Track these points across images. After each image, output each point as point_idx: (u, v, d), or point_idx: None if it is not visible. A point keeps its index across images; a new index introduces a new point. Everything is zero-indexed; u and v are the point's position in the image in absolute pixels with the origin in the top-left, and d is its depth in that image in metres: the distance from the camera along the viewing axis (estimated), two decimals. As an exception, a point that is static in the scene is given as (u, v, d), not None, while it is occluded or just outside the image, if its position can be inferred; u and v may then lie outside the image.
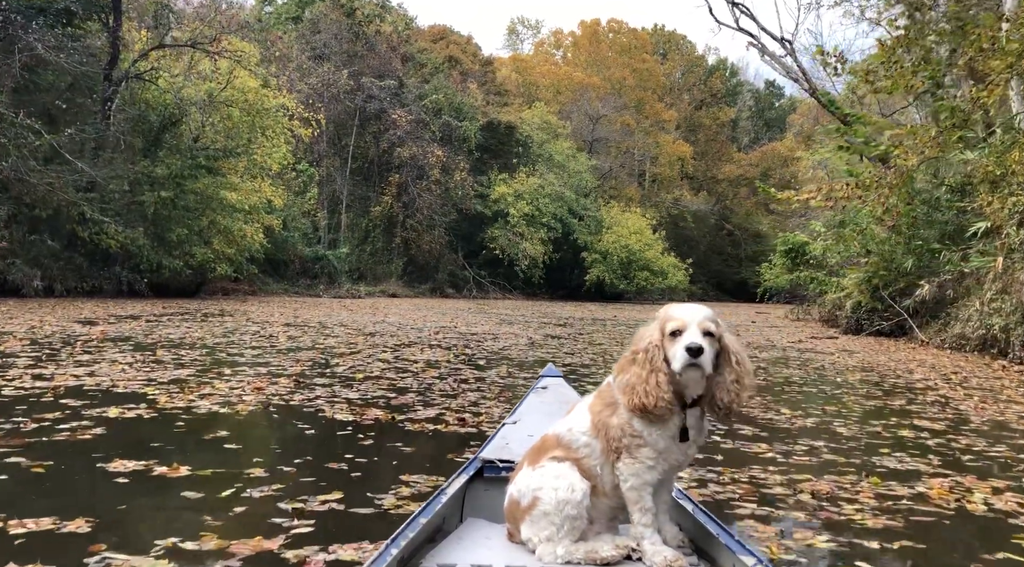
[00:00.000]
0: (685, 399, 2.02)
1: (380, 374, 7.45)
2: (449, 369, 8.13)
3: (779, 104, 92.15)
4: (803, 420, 5.67)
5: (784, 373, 9.06)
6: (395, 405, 5.68)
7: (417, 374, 7.54)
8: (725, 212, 71.55)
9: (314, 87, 38.36)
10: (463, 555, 2.07)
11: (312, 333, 12.44)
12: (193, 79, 26.07)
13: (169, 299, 23.43)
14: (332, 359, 8.61)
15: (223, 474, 3.61)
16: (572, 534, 2.03)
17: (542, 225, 44.70)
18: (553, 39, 78.11)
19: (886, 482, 3.84)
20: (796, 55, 30.72)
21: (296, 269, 35.47)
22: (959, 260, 13.82)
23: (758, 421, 5.56)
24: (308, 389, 6.27)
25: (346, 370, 7.65)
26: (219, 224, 25.32)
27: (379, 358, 8.92)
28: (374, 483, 3.55)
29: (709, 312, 2.01)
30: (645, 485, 2.02)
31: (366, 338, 11.77)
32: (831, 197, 16.75)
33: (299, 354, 9.01)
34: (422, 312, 21.96)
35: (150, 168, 24.10)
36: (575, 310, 29.37)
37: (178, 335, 10.91)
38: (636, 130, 62.05)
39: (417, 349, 10.26)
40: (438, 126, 42.16)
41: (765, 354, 11.86)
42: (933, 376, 9.10)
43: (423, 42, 53.55)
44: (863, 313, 18.40)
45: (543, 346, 11.70)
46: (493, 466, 2.64)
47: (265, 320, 15.42)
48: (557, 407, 3.29)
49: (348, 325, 14.84)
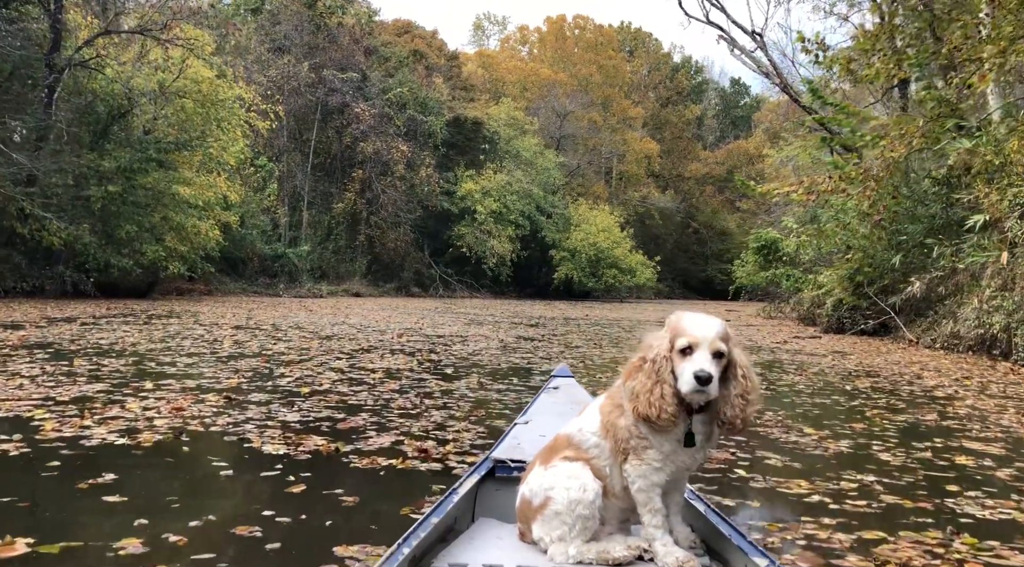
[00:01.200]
0: (692, 405, 1.97)
1: (330, 387, 6.41)
2: (411, 380, 7.11)
3: (744, 102, 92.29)
4: (834, 443, 4.74)
5: (785, 380, 8.17)
6: (342, 430, 4.66)
7: (374, 387, 6.52)
8: (691, 210, 71.52)
9: (273, 79, 36.95)
10: (475, 555, 2.05)
11: (262, 337, 11.33)
12: (144, 69, 24.66)
13: (118, 300, 22.06)
14: (277, 368, 7.55)
15: (79, 551, 2.57)
16: (584, 534, 2.02)
17: (510, 223, 43.74)
18: (519, 35, 77.10)
19: (984, 541, 2.92)
20: (767, 49, 30.19)
21: (255, 268, 34.05)
22: (951, 256, 13.09)
23: (782, 445, 4.63)
24: (239, 409, 5.22)
25: (291, 382, 6.60)
26: (172, 220, 23.95)
27: (332, 366, 7.87)
28: (295, 562, 2.55)
29: (721, 328, 1.94)
30: (653, 487, 2.00)
31: (321, 342, 10.70)
32: (813, 190, 16.01)
33: (241, 362, 7.93)
34: (386, 312, 20.86)
35: (97, 161, 22.67)
36: (545, 309, 28.43)
37: (110, 341, 9.75)
38: (603, 127, 61.33)
39: (377, 355, 9.22)
40: (403, 121, 40.92)
41: (755, 357, 10.99)
42: (945, 382, 8.27)
43: (387, 35, 52.21)
44: (844, 311, 17.68)
45: (516, 350, 10.71)
46: (505, 466, 2.61)
47: (214, 322, 14.25)
48: (569, 407, 3.25)
49: (304, 327, 13.73)
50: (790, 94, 29.31)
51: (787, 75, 30.70)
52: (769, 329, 19.25)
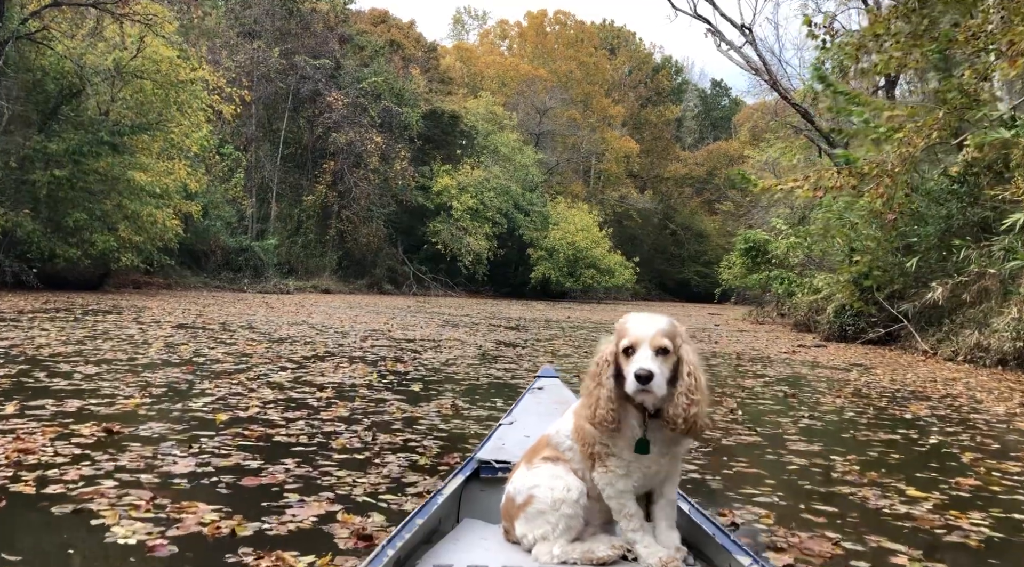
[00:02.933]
0: (648, 410, 1.94)
1: (258, 412, 4.92)
2: (367, 401, 5.63)
3: (724, 104, 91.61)
4: (963, 517, 3.32)
5: (825, 403, 6.78)
6: (247, 492, 3.18)
7: (315, 413, 5.03)
8: (669, 211, 70.63)
9: (242, 65, 35.14)
10: (459, 556, 2.02)
11: (203, 338, 9.78)
12: (99, 46, 22.87)
13: (64, 293, 20.30)
14: (201, 382, 6.04)
15: None
16: (568, 533, 2.00)
17: (487, 220, 42.23)
18: (499, 30, 75.52)
19: None
20: (756, 44, 29.05)
21: (218, 261, 32.21)
22: (980, 259, 11.83)
23: (893, 524, 3.22)
24: (113, 450, 3.72)
25: (209, 404, 5.10)
26: (126, 208, 22.18)
27: (271, 381, 6.37)
28: None
29: (664, 325, 1.92)
30: (622, 493, 1.97)
31: (269, 347, 9.17)
32: (820, 187, 14.72)
33: (159, 374, 6.41)
34: (354, 311, 19.29)
35: (43, 143, 20.88)
36: (523, 310, 26.98)
37: (13, 342, 8.16)
38: (583, 125, 59.95)
39: (332, 364, 7.72)
40: (377, 111, 39.19)
41: (771, 370, 9.63)
42: (1015, 408, 6.93)
43: (363, 24, 50.46)
44: (847, 318, 16.41)
45: (497, 359, 9.25)
46: (489, 467, 2.56)
47: (157, 319, 12.65)
48: (553, 408, 3.20)
49: (257, 327, 12.17)
50: (779, 91, 28.18)
51: (776, 73, 29.61)
52: (765, 336, 17.94)
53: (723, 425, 5.29)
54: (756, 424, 5.46)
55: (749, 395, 7.12)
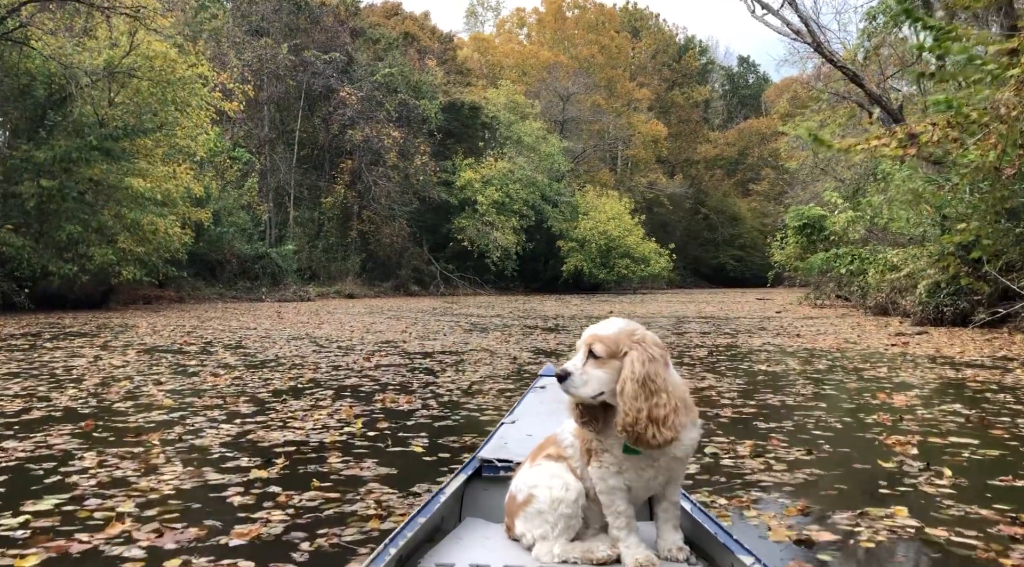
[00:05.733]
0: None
1: (119, 534, 2.77)
2: (326, 492, 3.46)
3: (752, 81, 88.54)
4: None
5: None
6: None
7: (223, 529, 2.87)
8: (700, 195, 68.04)
9: (249, 64, 33.22)
10: (461, 555, 2.00)
11: (162, 368, 7.69)
12: (88, 45, 21.00)
13: (59, 313, 18.47)
14: (81, 455, 3.90)
15: None
16: (567, 533, 1.98)
17: (513, 213, 40.04)
18: (516, 17, 73.08)
19: None
20: (797, 4, 26.51)
21: (234, 270, 30.26)
22: None
23: None
24: None
25: (53, 509, 2.95)
26: (125, 218, 20.27)
27: (196, 444, 4.22)
28: None
29: (605, 330, 1.90)
30: (613, 490, 1.94)
31: (237, 378, 7.02)
32: (910, 143, 12.33)
33: (34, 437, 4.30)
34: (372, 318, 17.20)
35: (30, 152, 19.04)
36: (559, 306, 24.71)
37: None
38: (608, 110, 57.41)
39: (308, 402, 5.55)
40: (394, 105, 37.09)
41: (906, 377, 7.29)
42: None
43: (375, 17, 48.47)
44: (944, 297, 13.97)
45: (535, 374, 7.07)
46: (491, 466, 2.51)
47: (130, 342, 10.62)
48: (556, 406, 3.01)
49: (246, 346, 10.09)
50: (824, 53, 25.54)
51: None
52: (841, 323, 15.52)
53: (927, 492, 3.05)
54: (978, 491, 3.22)
55: (917, 423, 4.85)
